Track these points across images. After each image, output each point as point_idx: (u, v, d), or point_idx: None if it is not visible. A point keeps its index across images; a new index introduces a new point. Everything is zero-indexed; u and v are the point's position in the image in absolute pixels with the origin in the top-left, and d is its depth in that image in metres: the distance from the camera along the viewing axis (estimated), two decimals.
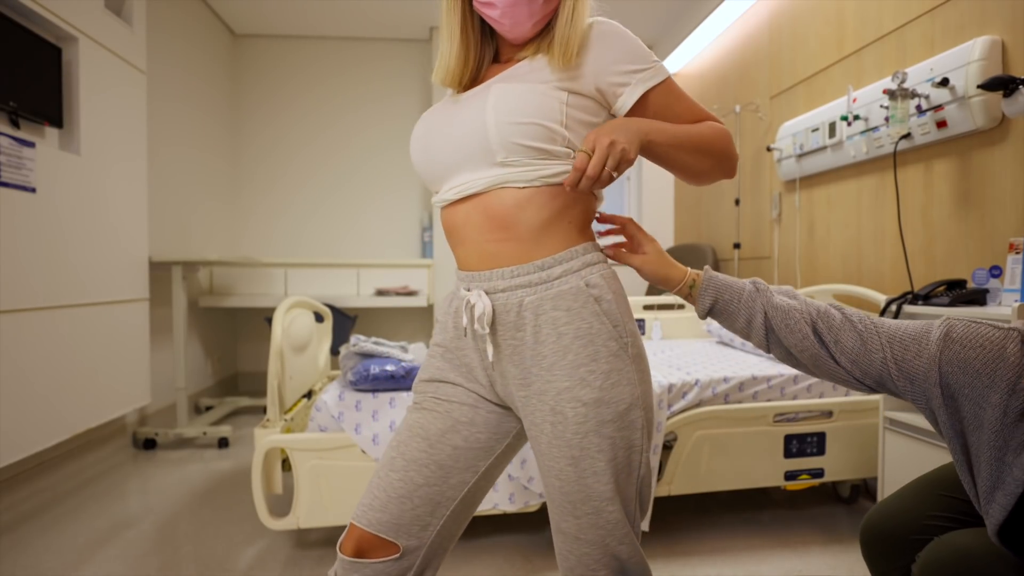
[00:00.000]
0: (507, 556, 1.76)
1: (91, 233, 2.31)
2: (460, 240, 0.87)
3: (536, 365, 0.81)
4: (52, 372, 2.09)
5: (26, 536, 1.88)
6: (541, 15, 0.83)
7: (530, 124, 0.78)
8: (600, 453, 0.78)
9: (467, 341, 0.88)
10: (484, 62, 0.91)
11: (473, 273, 0.85)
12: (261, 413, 3.53)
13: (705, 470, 1.82)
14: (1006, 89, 1.64)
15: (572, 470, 0.79)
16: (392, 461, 0.85)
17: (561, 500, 0.81)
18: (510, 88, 0.80)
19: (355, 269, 4.07)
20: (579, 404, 0.78)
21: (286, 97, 4.27)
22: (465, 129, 0.82)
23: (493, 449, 0.89)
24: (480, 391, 0.89)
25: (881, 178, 2.29)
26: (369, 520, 0.82)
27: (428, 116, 0.91)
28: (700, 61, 3.94)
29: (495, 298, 0.83)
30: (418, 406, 0.90)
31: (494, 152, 0.79)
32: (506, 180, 0.80)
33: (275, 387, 1.70)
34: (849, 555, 1.74)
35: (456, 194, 0.84)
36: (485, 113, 0.79)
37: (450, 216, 0.88)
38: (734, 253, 3.31)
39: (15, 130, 2.01)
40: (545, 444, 0.81)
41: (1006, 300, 1.54)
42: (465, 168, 0.83)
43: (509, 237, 0.82)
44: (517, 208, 0.81)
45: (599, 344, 0.80)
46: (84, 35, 2.27)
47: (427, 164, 0.89)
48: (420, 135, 0.90)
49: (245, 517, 2.02)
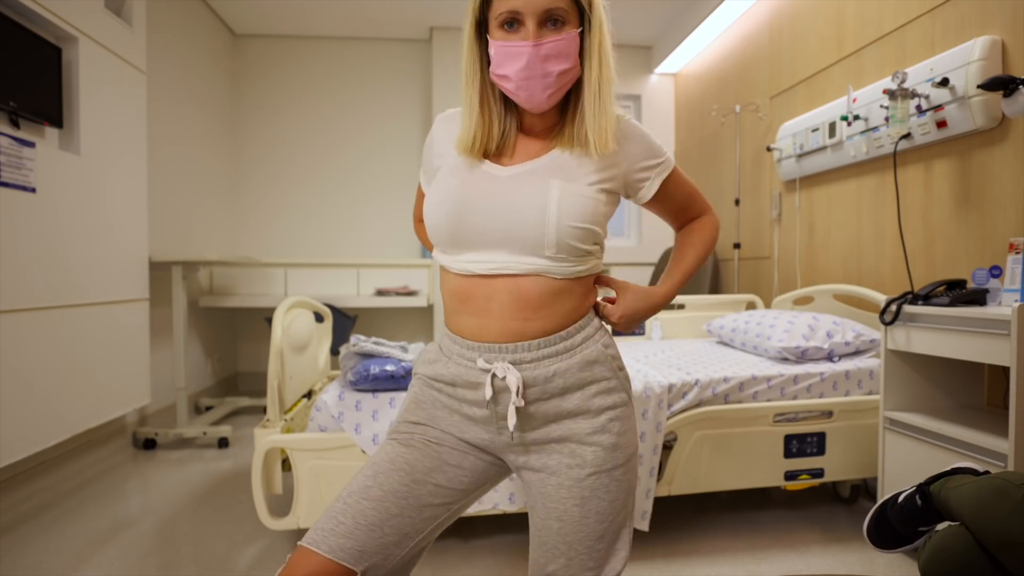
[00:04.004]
0: (507, 556, 1.75)
1: (91, 233, 2.31)
2: (478, 312, 0.86)
3: (559, 417, 0.87)
4: (52, 372, 2.09)
5: (26, 536, 1.88)
6: (556, 87, 0.83)
7: (584, 229, 0.84)
8: (607, 494, 0.85)
9: (471, 403, 0.88)
10: (510, 130, 0.90)
11: (493, 345, 0.85)
12: (261, 413, 3.53)
13: (705, 470, 1.82)
14: (1006, 89, 1.64)
15: (578, 511, 0.84)
16: (367, 490, 0.83)
17: (556, 542, 0.85)
18: (571, 190, 0.84)
19: (355, 269, 4.07)
20: (600, 448, 0.85)
21: (286, 97, 4.27)
22: (521, 216, 0.83)
23: (471, 492, 0.92)
24: (474, 442, 0.90)
25: (881, 178, 2.29)
26: (331, 546, 0.78)
27: (466, 181, 0.87)
28: (700, 61, 3.94)
29: (521, 368, 0.84)
30: (403, 443, 0.89)
31: (545, 246, 0.82)
32: (545, 271, 0.84)
33: (275, 387, 1.70)
34: (849, 555, 1.74)
35: (486, 270, 0.85)
36: (547, 209, 0.82)
37: (469, 287, 0.87)
38: (734, 253, 3.31)
39: (15, 130, 2.01)
40: (553, 487, 0.85)
41: (1006, 300, 1.54)
42: (505, 250, 0.84)
43: (537, 318, 0.85)
44: (552, 296, 0.85)
45: (615, 396, 0.88)
46: (84, 35, 2.26)
47: (455, 229, 0.86)
48: (457, 199, 0.86)
49: (245, 517, 2.01)
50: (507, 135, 0.90)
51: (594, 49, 0.84)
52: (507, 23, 0.82)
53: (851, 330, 2.06)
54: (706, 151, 3.85)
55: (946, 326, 1.56)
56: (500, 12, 0.81)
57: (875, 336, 2.05)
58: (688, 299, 2.82)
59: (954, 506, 1.12)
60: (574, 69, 0.84)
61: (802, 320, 2.10)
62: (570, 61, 0.83)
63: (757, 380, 1.88)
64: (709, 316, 2.77)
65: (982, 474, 1.25)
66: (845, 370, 1.96)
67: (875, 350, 2.08)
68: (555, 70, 0.82)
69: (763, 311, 2.36)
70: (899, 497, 1.33)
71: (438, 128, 0.96)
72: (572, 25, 0.83)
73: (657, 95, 4.40)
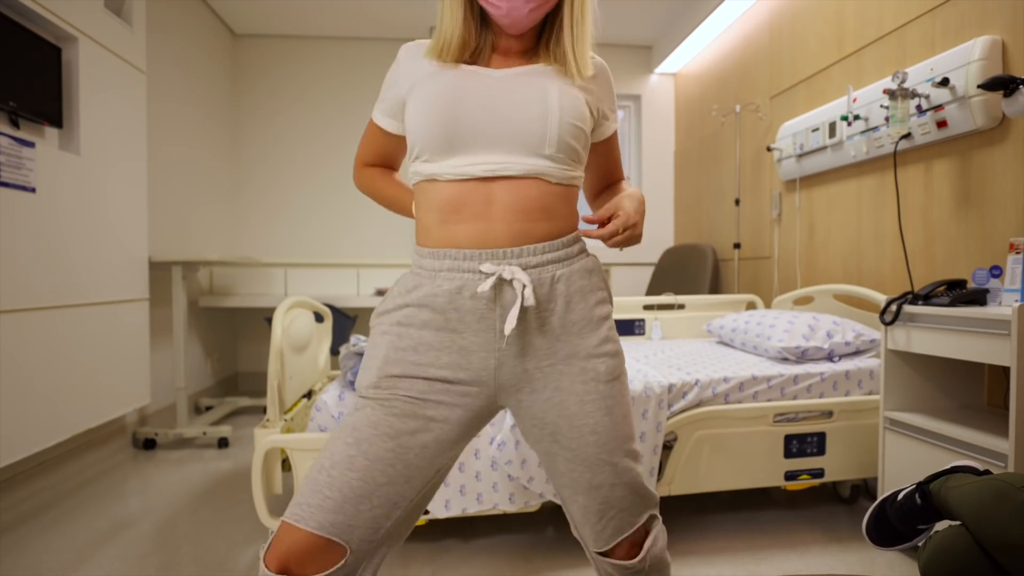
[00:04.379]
0: (507, 556, 1.75)
1: (91, 233, 2.31)
2: (476, 217, 0.83)
3: (565, 332, 0.86)
4: (52, 372, 2.09)
5: (26, 536, 1.88)
6: (538, 2, 0.83)
7: (580, 128, 0.86)
8: (623, 397, 0.89)
9: (468, 323, 0.83)
10: (485, 45, 0.91)
11: (498, 250, 0.83)
12: (261, 413, 3.53)
13: (705, 470, 1.82)
14: (1006, 89, 1.64)
15: (608, 419, 0.85)
16: (351, 460, 0.78)
17: (596, 454, 0.85)
18: (568, 89, 0.86)
19: (355, 269, 4.07)
20: (608, 357, 0.87)
21: (286, 97, 4.27)
22: (523, 111, 0.83)
23: (458, 444, 0.87)
24: (467, 378, 0.84)
25: (881, 178, 2.29)
26: (319, 522, 0.75)
27: (458, 78, 0.86)
28: (700, 61, 3.94)
29: (528, 273, 0.83)
30: (384, 404, 0.82)
31: (545, 144, 0.83)
32: (543, 172, 0.84)
33: (275, 387, 1.70)
34: (849, 555, 1.74)
35: (485, 171, 0.82)
36: (548, 105, 0.83)
37: (464, 192, 0.83)
38: (734, 253, 3.31)
39: (15, 130, 2.01)
40: (575, 405, 0.85)
41: (1006, 300, 1.54)
42: (504, 149, 0.83)
43: (540, 219, 0.85)
44: (550, 199, 0.86)
45: (608, 307, 0.92)
46: (84, 35, 2.26)
47: (451, 129, 0.83)
48: (452, 96, 0.83)
49: (245, 517, 2.02)
50: (482, 48, 0.91)
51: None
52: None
53: (851, 330, 2.06)
54: (706, 151, 3.85)
55: (946, 326, 1.56)
56: None
57: (875, 336, 2.05)
58: (688, 299, 2.82)
59: (954, 506, 1.12)
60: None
61: (802, 320, 2.10)
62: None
63: (757, 380, 1.88)
64: (709, 316, 2.77)
65: (982, 473, 1.25)
66: (845, 370, 1.96)
67: (875, 350, 2.08)
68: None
69: (763, 311, 2.36)
70: (899, 495, 1.33)
71: (406, 56, 0.94)
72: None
73: (657, 95, 4.40)
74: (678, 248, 3.91)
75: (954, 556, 1.07)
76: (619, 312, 2.74)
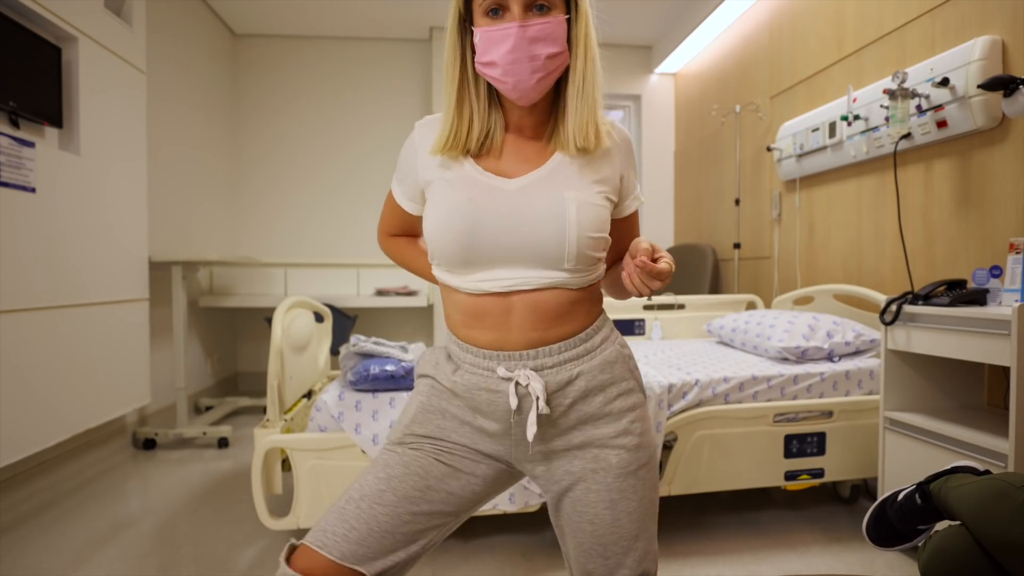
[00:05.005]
0: (507, 556, 1.75)
1: (91, 233, 2.31)
2: (494, 327, 0.84)
3: (581, 423, 0.86)
4: (52, 372, 2.09)
5: (26, 536, 1.88)
6: (545, 72, 0.81)
7: (599, 238, 0.84)
8: (635, 494, 0.85)
9: (485, 412, 0.86)
10: (495, 129, 0.88)
11: (514, 353, 0.84)
12: (261, 413, 3.53)
13: (705, 470, 1.82)
14: (1006, 89, 1.64)
15: (608, 513, 0.84)
16: (381, 495, 0.82)
17: (591, 544, 0.85)
18: (585, 200, 0.83)
19: (355, 269, 4.07)
20: (623, 451, 0.85)
21: (286, 97, 4.27)
22: (540, 232, 0.81)
23: (481, 500, 0.91)
24: (486, 451, 0.89)
25: (881, 178, 2.29)
26: (343, 552, 0.78)
27: (474, 196, 0.83)
28: (700, 61, 3.94)
29: (543, 374, 0.84)
30: (414, 448, 0.87)
31: (564, 260, 0.81)
32: (562, 283, 0.83)
33: (275, 387, 1.70)
34: (849, 555, 1.74)
35: (503, 287, 0.82)
36: (566, 222, 0.80)
37: (483, 305, 0.84)
38: (734, 253, 3.31)
39: (15, 130, 2.01)
40: (581, 492, 0.85)
41: (1006, 300, 1.54)
42: (522, 265, 0.82)
43: (557, 324, 0.85)
44: (569, 305, 0.85)
45: (634, 397, 0.89)
46: (84, 35, 2.26)
47: (467, 249, 0.82)
48: (468, 216, 0.81)
49: (245, 517, 2.01)
50: (492, 134, 0.87)
51: (580, 39, 0.83)
52: (492, 10, 0.80)
53: (851, 330, 2.06)
54: (706, 151, 3.85)
55: (946, 326, 1.56)
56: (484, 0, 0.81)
57: (875, 336, 2.05)
58: (688, 299, 2.82)
59: (954, 506, 1.12)
60: (563, 54, 0.82)
61: (802, 320, 2.10)
62: (559, 45, 0.81)
63: (757, 380, 1.88)
64: (709, 316, 2.77)
65: (982, 473, 1.25)
66: (845, 370, 1.96)
67: (875, 350, 2.08)
68: (543, 53, 0.80)
69: (763, 311, 2.36)
70: (899, 495, 1.33)
71: (421, 135, 0.90)
72: (559, 11, 0.82)
73: (657, 95, 4.40)
74: (678, 248, 3.91)
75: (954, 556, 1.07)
76: (619, 312, 2.75)
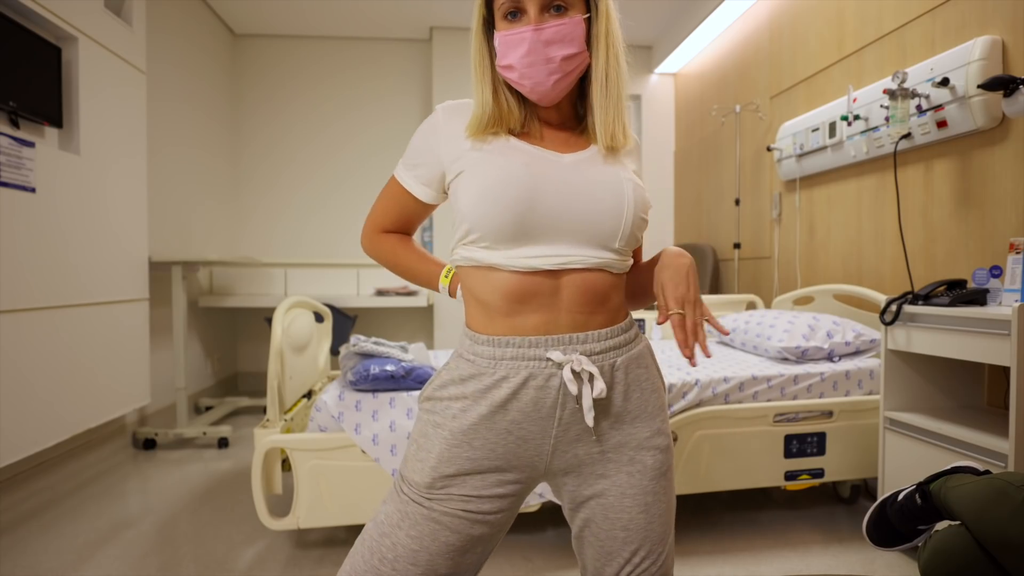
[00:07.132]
0: (507, 556, 1.75)
1: (91, 233, 2.31)
2: (542, 308, 0.81)
3: (620, 420, 0.85)
4: (52, 372, 2.09)
5: (26, 536, 1.88)
6: (562, 73, 0.80)
7: (646, 221, 0.85)
8: (665, 495, 0.85)
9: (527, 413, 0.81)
10: (531, 116, 0.86)
11: (563, 336, 0.81)
12: (261, 413, 3.53)
13: (705, 470, 1.82)
14: (1006, 89, 1.64)
15: (643, 517, 0.83)
16: (415, 554, 0.80)
17: (620, 549, 0.83)
18: (637, 183, 0.84)
19: (355, 269, 4.07)
20: (658, 452, 0.85)
21: (286, 97, 4.27)
22: (600, 206, 0.80)
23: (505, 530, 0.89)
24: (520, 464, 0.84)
25: (881, 178, 2.29)
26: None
27: (531, 163, 0.81)
28: (700, 61, 3.94)
29: (593, 360, 0.82)
30: (447, 514, 0.81)
31: (617, 239, 0.81)
32: (608, 265, 0.83)
33: (275, 387, 1.70)
34: (849, 555, 1.74)
35: (555, 264, 0.79)
36: (624, 198, 0.81)
37: (531, 284, 0.80)
38: (734, 253, 3.31)
39: (15, 130, 2.01)
40: (615, 497, 0.83)
41: (1006, 300, 1.54)
42: (573, 242, 0.80)
43: (599, 309, 0.84)
44: (610, 290, 0.84)
45: (662, 396, 0.89)
46: (84, 35, 2.26)
47: (523, 220, 0.78)
48: (525, 184, 0.78)
49: (245, 517, 2.01)
50: (529, 119, 0.86)
51: (600, 37, 0.82)
52: (510, 13, 0.80)
53: (851, 330, 2.06)
54: (706, 151, 3.85)
55: (946, 326, 1.56)
56: (502, 2, 0.80)
57: (875, 336, 2.05)
58: None
59: (954, 506, 1.12)
60: (581, 55, 0.81)
61: (802, 320, 2.10)
62: (575, 46, 0.80)
63: (757, 380, 1.88)
64: None
65: (982, 473, 1.25)
66: (845, 370, 1.96)
67: (875, 350, 2.08)
68: (558, 55, 0.79)
69: (763, 311, 2.36)
70: (899, 495, 1.33)
71: (446, 118, 0.86)
72: (577, 11, 0.81)
73: (657, 95, 4.40)
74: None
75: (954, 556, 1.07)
76: None
